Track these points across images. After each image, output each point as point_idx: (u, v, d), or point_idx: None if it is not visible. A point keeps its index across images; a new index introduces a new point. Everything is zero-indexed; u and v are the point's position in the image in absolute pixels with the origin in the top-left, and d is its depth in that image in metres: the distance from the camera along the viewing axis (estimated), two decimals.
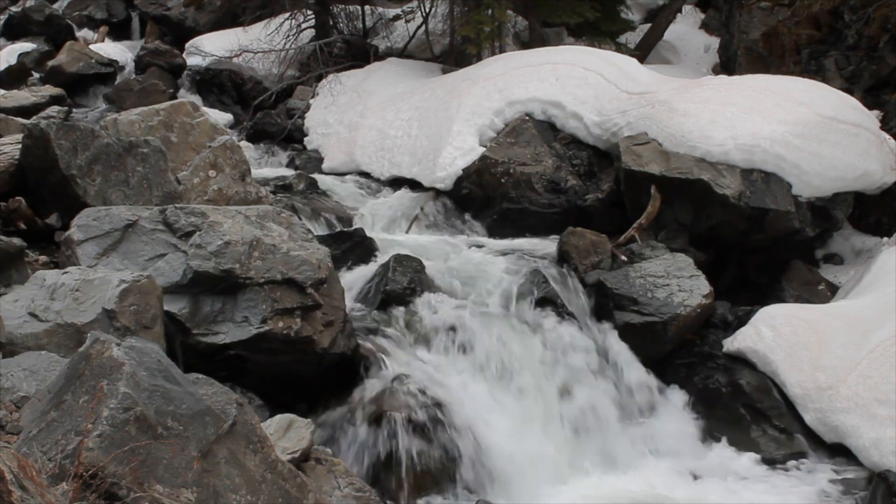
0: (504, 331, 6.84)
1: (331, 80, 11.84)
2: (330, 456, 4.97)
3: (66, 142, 6.46)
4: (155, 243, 5.69)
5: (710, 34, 14.87)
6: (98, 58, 13.48)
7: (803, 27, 10.96)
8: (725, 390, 6.90)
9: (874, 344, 6.53)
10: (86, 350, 3.51)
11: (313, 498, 3.93)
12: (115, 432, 3.24)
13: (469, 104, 9.59)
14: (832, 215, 8.56)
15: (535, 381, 6.62)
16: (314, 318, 5.71)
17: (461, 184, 9.22)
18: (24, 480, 2.80)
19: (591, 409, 6.63)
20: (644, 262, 7.53)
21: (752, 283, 8.57)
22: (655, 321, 7.08)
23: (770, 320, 7.00)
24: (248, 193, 7.50)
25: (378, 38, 13.78)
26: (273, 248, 5.70)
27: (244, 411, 3.76)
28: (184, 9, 15.82)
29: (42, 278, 5.07)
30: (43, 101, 10.71)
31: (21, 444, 3.34)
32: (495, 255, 7.91)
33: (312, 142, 11.16)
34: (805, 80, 9.41)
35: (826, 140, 8.35)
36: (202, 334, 5.44)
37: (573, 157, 9.23)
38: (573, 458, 6.35)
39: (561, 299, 7.17)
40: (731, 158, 8.20)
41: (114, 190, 6.55)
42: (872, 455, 6.07)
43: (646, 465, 6.45)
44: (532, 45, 12.10)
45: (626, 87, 9.30)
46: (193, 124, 7.62)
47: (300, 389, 5.90)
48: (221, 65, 13.14)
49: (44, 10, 15.54)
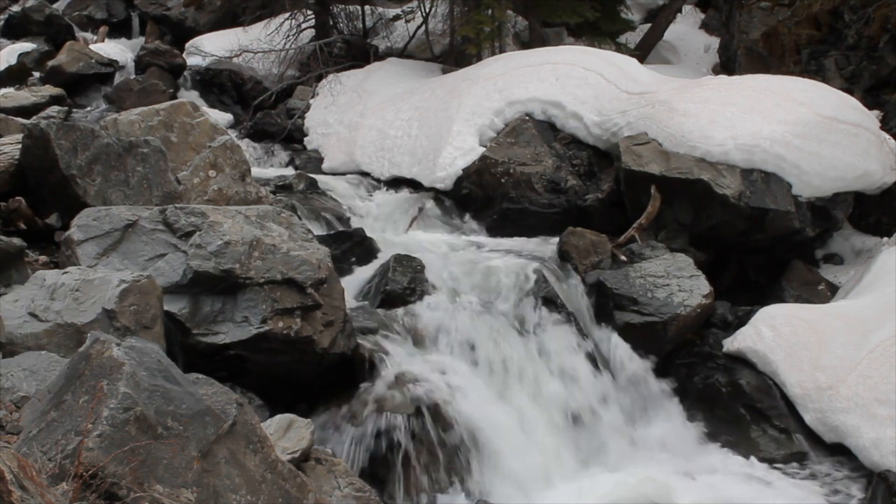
0: (504, 331, 6.84)
1: (331, 80, 11.84)
2: (330, 456, 4.97)
3: (66, 142, 6.45)
4: (155, 243, 5.69)
5: (710, 34, 14.87)
6: (98, 58, 13.46)
7: (803, 27, 10.96)
8: (725, 390, 6.90)
9: (874, 344, 6.53)
10: (86, 350, 3.51)
11: (313, 498, 3.93)
12: (115, 432, 3.24)
13: (469, 104, 9.60)
14: (832, 215, 8.56)
15: (535, 381, 6.62)
16: (314, 318, 5.71)
17: (461, 184, 9.22)
18: (24, 480, 2.79)
19: (591, 408, 6.63)
20: (644, 262, 7.54)
21: (752, 283, 8.58)
22: (655, 321, 7.09)
23: (770, 320, 7.00)
24: (248, 193, 7.49)
25: (378, 38, 13.78)
26: (273, 248, 5.70)
27: (244, 411, 3.76)
28: (184, 9, 15.82)
29: (42, 278, 5.07)
30: (43, 101, 10.71)
31: (21, 444, 3.34)
32: (495, 255, 7.90)
33: (312, 142, 11.16)
34: (805, 80, 9.41)
35: (826, 140, 8.35)
36: (202, 334, 5.44)
37: (573, 157, 9.23)
38: (573, 457, 6.35)
39: (561, 299, 7.17)
40: (731, 158, 8.21)
41: (114, 190, 6.55)
42: (872, 455, 6.07)
43: (645, 465, 6.45)
44: (532, 45, 12.10)
45: (626, 87, 9.30)
46: (193, 124, 7.61)
47: (300, 389, 5.90)
48: (221, 65, 13.13)
49: (44, 10, 15.53)
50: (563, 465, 6.26)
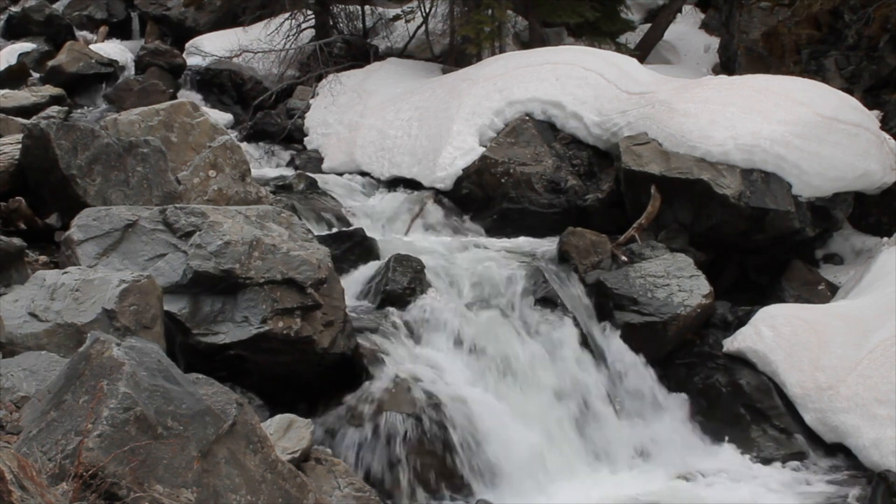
0: (504, 331, 6.84)
1: (331, 80, 11.84)
2: (330, 456, 4.98)
3: (66, 142, 6.45)
4: (155, 243, 5.69)
5: (710, 34, 14.86)
6: (98, 58, 13.45)
7: (803, 27, 10.96)
8: (725, 390, 6.90)
9: (874, 344, 6.53)
10: (86, 350, 3.51)
11: (313, 498, 3.93)
12: (115, 432, 3.24)
13: (469, 104, 9.60)
14: (832, 215, 8.56)
15: (535, 381, 6.62)
16: (314, 318, 5.70)
17: (461, 184, 9.22)
18: (24, 480, 2.80)
19: (591, 408, 6.63)
20: (644, 262, 7.53)
21: (752, 283, 8.57)
22: (655, 321, 7.09)
23: (770, 320, 7.00)
24: (248, 193, 7.49)
25: (378, 38, 13.78)
26: (273, 248, 5.70)
27: (244, 411, 3.76)
28: (184, 9, 15.80)
29: (42, 278, 5.07)
30: (43, 101, 10.69)
31: (21, 444, 3.34)
32: (495, 255, 7.90)
33: (312, 142, 11.16)
34: (805, 80, 9.41)
35: (826, 140, 8.35)
36: (202, 334, 5.43)
37: (573, 157, 9.23)
38: (573, 457, 6.35)
39: (561, 299, 7.17)
40: (731, 158, 8.21)
41: (114, 190, 6.55)
42: (872, 455, 6.08)
43: (645, 465, 6.46)
44: (532, 45, 12.09)
45: (626, 87, 9.30)
46: (193, 124, 7.61)
47: (300, 389, 5.90)
48: (221, 65, 13.13)
49: (44, 10, 15.52)
50: (563, 465, 6.26)
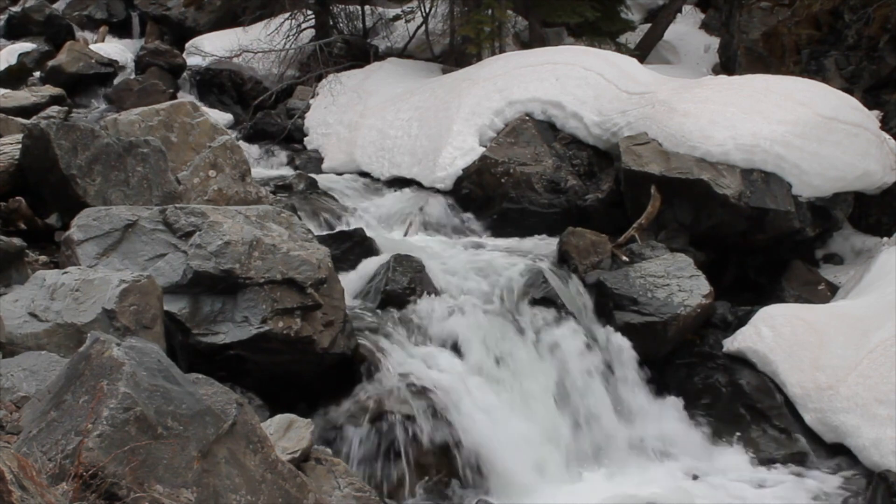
0: (504, 331, 6.84)
1: (331, 80, 11.84)
2: (330, 456, 4.97)
3: (66, 142, 6.45)
4: (155, 243, 5.69)
5: (710, 34, 14.87)
6: (98, 58, 13.46)
7: (803, 27, 10.96)
8: (725, 390, 6.90)
9: (874, 344, 6.53)
10: (86, 350, 3.51)
11: (313, 498, 3.93)
12: (115, 432, 3.24)
13: (469, 104, 9.60)
14: (832, 215, 8.56)
15: (535, 382, 6.62)
16: (314, 318, 5.71)
17: (461, 184, 9.22)
18: (24, 480, 2.79)
19: (591, 409, 6.64)
20: (644, 262, 7.53)
21: (752, 283, 8.57)
22: (655, 321, 7.09)
23: (770, 320, 7.00)
24: (248, 193, 7.50)
25: (378, 38, 13.78)
26: (273, 248, 5.70)
27: (244, 411, 3.76)
28: (184, 9, 15.81)
29: (42, 278, 5.07)
30: (43, 101, 10.69)
31: (21, 444, 3.34)
32: (495, 254, 7.90)
33: (312, 142, 11.16)
34: (805, 81, 9.41)
35: (826, 140, 8.35)
36: (202, 334, 5.44)
37: (573, 157, 9.23)
38: (573, 457, 6.36)
39: (561, 299, 7.17)
40: (731, 158, 8.21)
41: (114, 190, 6.55)
42: (872, 455, 6.08)
43: (645, 465, 6.46)
44: (532, 45, 12.10)
45: (626, 87, 9.30)
46: (193, 124, 7.61)
47: (300, 389, 5.90)
48: (221, 65, 13.13)
49: (44, 10, 15.53)
50: (563, 465, 6.26)
